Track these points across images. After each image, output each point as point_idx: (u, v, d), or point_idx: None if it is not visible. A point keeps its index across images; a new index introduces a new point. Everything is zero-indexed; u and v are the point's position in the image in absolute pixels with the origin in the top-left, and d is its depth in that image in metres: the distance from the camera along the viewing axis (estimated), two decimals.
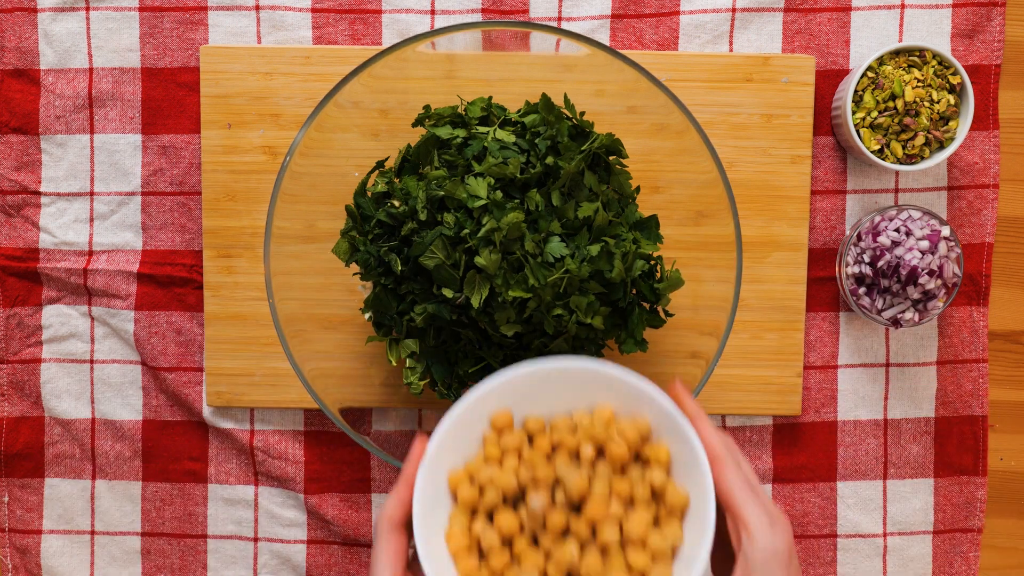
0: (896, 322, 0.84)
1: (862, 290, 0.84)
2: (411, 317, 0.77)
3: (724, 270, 0.76)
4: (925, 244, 0.81)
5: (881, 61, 0.83)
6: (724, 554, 0.61)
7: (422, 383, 0.79)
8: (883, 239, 0.82)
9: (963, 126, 0.83)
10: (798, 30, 0.87)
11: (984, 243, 0.88)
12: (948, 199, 0.88)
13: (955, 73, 0.82)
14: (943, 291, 0.83)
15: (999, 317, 0.89)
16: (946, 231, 0.83)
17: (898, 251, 0.82)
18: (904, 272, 0.81)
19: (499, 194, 0.72)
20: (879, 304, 0.83)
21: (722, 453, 0.58)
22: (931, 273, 0.81)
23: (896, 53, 0.83)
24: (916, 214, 0.83)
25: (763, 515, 0.56)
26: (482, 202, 0.72)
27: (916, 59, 0.82)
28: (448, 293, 0.74)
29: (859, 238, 0.84)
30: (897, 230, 0.83)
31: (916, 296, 0.82)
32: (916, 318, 0.83)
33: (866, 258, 0.83)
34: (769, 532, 0.56)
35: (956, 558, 0.89)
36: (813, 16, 0.87)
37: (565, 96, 0.77)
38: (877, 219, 0.84)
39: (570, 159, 0.73)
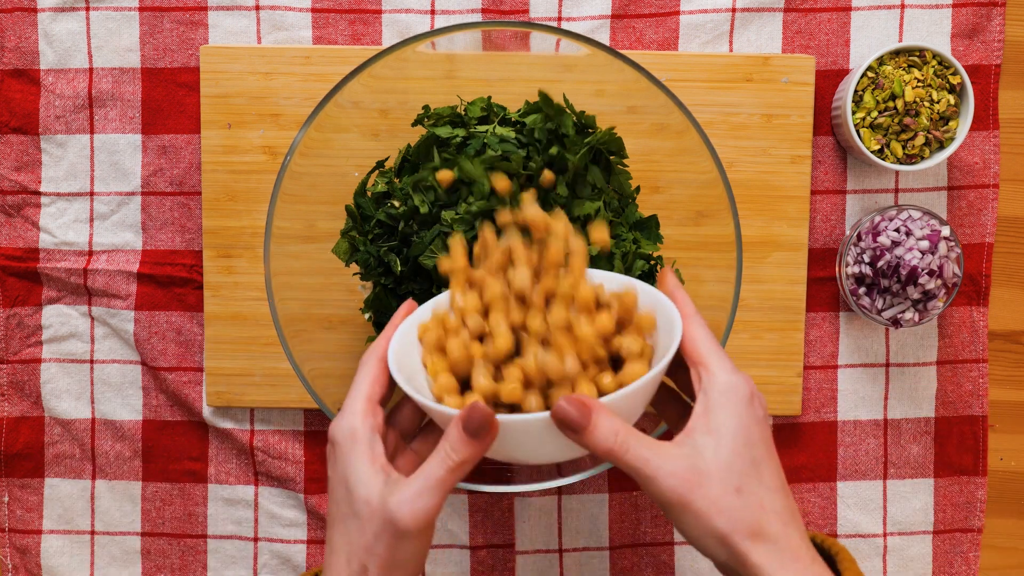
0: (896, 322, 0.84)
1: (862, 290, 0.84)
2: None
3: (724, 270, 0.76)
4: (925, 244, 0.81)
5: (881, 61, 0.83)
6: (681, 410, 0.61)
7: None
8: (883, 239, 0.82)
9: (963, 126, 0.83)
10: (798, 30, 0.87)
11: (984, 243, 0.88)
12: (948, 199, 0.88)
13: (955, 73, 0.82)
14: (943, 291, 0.83)
15: (999, 317, 0.89)
16: (946, 231, 0.83)
17: (898, 251, 0.81)
18: (904, 272, 0.81)
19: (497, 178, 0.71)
20: (879, 304, 0.83)
21: (692, 311, 0.59)
22: (931, 273, 0.81)
23: (896, 53, 0.83)
24: (916, 214, 0.83)
25: (725, 361, 0.57)
26: (482, 180, 0.70)
27: (916, 59, 0.82)
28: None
29: (859, 238, 0.84)
30: (897, 230, 0.83)
31: (916, 296, 0.82)
32: (916, 318, 0.83)
33: (866, 258, 0.83)
34: (729, 372, 0.56)
35: (956, 558, 0.89)
36: (813, 16, 0.87)
37: (564, 96, 0.77)
38: (877, 219, 0.84)
39: (576, 152, 0.73)
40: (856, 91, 0.83)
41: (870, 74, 0.82)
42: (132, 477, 0.90)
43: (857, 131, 0.83)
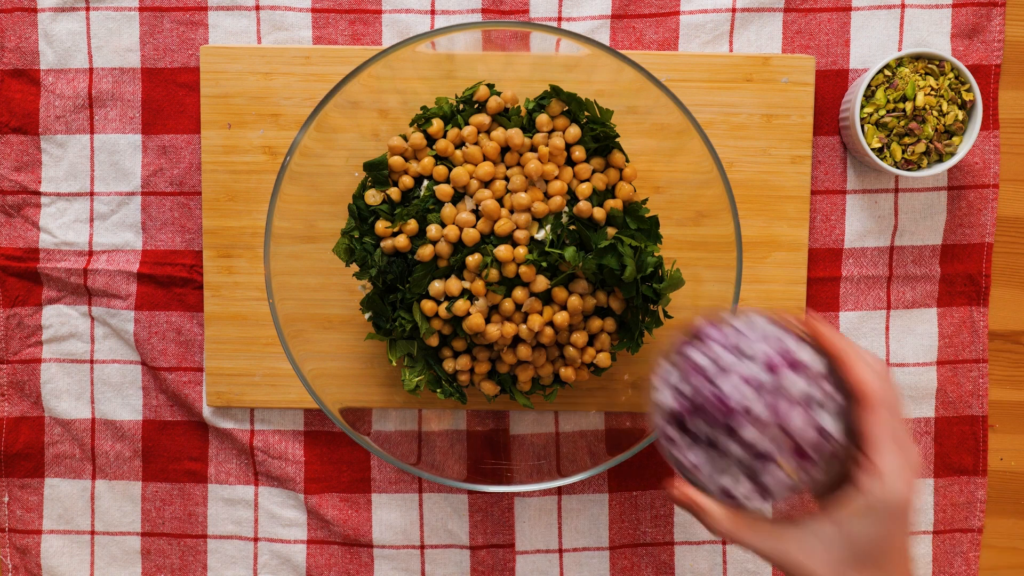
0: (729, 495, 0.58)
1: (677, 434, 0.58)
2: (402, 319, 0.77)
3: (724, 270, 0.76)
4: (761, 374, 0.55)
5: (900, 62, 0.83)
6: (829, 482, 0.60)
7: (416, 380, 0.79)
8: (700, 358, 0.57)
9: (965, 144, 0.83)
10: (798, 30, 0.87)
11: (984, 243, 0.88)
12: (948, 199, 0.88)
13: (969, 90, 0.82)
14: (792, 458, 0.56)
15: (999, 317, 0.89)
16: (811, 360, 0.57)
17: (720, 380, 0.56)
18: (718, 414, 0.55)
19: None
20: (697, 460, 0.58)
21: (877, 397, 0.56)
22: (759, 424, 0.55)
23: (916, 58, 0.83)
24: (760, 321, 0.58)
25: (899, 464, 0.55)
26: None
27: (934, 67, 0.82)
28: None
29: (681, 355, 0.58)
30: (725, 346, 0.57)
31: (740, 455, 0.56)
32: (753, 496, 0.58)
33: (686, 388, 0.57)
34: (897, 480, 0.55)
35: (956, 558, 0.89)
36: (813, 16, 0.87)
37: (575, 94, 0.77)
38: (707, 327, 0.58)
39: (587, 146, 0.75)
40: (870, 86, 0.83)
41: (886, 72, 0.82)
42: (132, 477, 0.90)
43: (862, 125, 0.83)
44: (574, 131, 0.76)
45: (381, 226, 0.76)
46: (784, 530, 0.59)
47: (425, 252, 0.74)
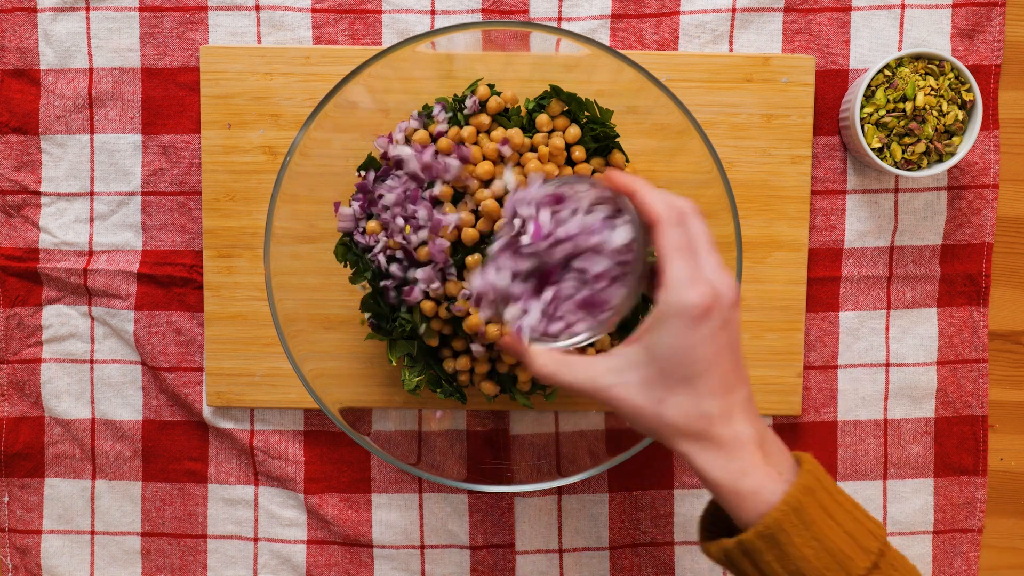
0: (549, 335, 0.64)
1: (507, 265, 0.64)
2: (403, 319, 0.77)
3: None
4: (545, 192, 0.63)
5: (900, 62, 0.83)
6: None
7: (416, 380, 0.79)
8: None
9: (965, 144, 0.83)
10: (798, 30, 0.87)
11: (984, 243, 0.88)
12: (948, 199, 0.88)
13: (969, 90, 0.82)
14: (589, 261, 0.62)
15: (999, 317, 0.89)
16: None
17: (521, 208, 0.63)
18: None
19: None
20: (517, 291, 0.64)
21: (662, 216, 0.58)
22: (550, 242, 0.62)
23: (916, 58, 0.83)
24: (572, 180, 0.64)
25: (685, 272, 0.56)
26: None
27: (934, 68, 0.82)
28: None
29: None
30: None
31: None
32: (565, 332, 0.63)
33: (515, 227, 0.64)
34: (683, 287, 0.56)
35: (956, 558, 0.89)
36: (813, 16, 0.87)
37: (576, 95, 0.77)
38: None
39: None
40: (870, 86, 0.83)
41: (886, 72, 0.82)
42: (132, 477, 0.90)
43: (862, 125, 0.83)
44: (574, 131, 0.76)
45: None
46: (597, 360, 0.60)
47: (423, 253, 0.74)
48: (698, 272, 0.57)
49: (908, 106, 0.82)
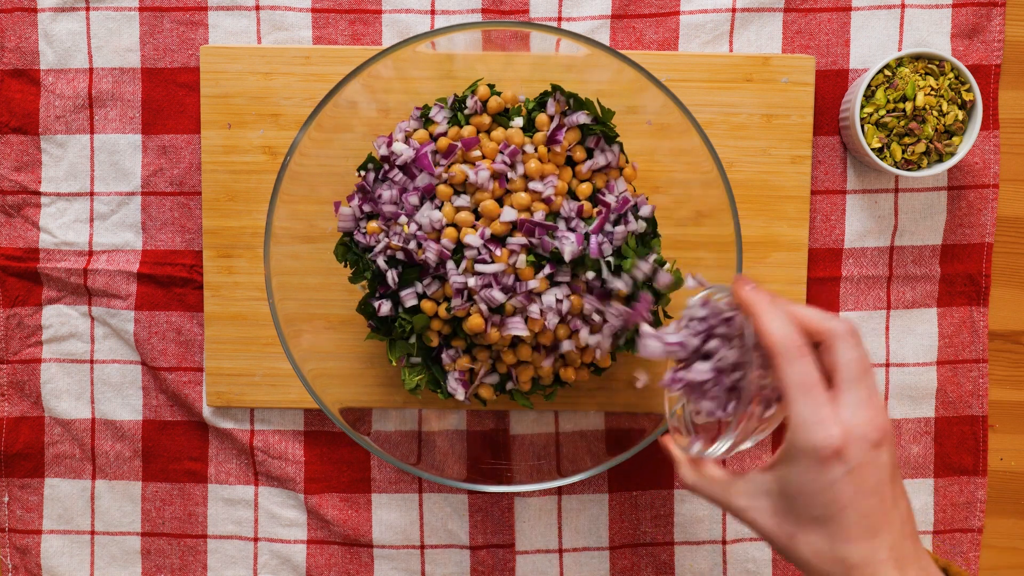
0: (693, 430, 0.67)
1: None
2: (403, 320, 0.77)
3: (724, 270, 0.76)
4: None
5: (900, 62, 0.83)
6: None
7: (416, 380, 0.79)
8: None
9: (965, 143, 0.83)
10: (798, 30, 0.87)
11: (984, 243, 0.88)
12: (948, 199, 0.88)
13: (969, 90, 0.82)
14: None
15: (999, 317, 0.89)
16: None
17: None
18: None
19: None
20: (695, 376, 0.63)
21: (778, 349, 0.54)
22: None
23: (916, 58, 0.83)
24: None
25: (808, 413, 0.53)
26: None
27: (934, 67, 0.82)
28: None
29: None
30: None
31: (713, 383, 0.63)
32: (708, 445, 0.64)
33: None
34: (808, 428, 0.53)
35: (956, 558, 0.89)
36: (813, 16, 0.87)
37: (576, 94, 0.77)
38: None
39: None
40: (870, 86, 0.83)
41: (886, 72, 0.82)
42: (132, 477, 0.90)
43: (862, 125, 0.83)
44: (574, 131, 0.76)
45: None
46: (733, 481, 0.59)
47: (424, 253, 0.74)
48: (826, 411, 0.53)
49: (908, 106, 0.82)
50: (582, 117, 0.76)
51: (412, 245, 0.74)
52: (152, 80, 0.88)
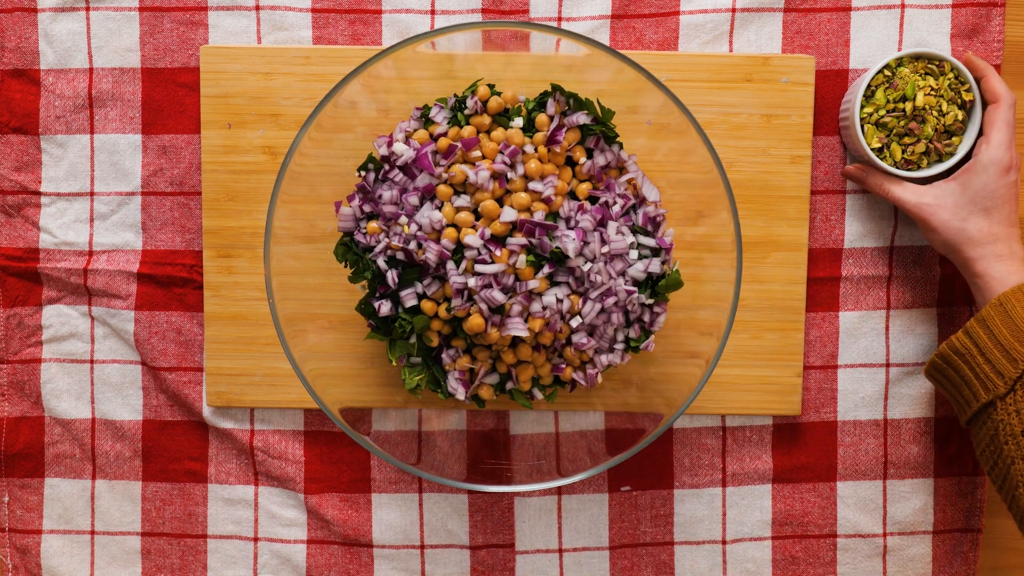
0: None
1: None
2: (403, 320, 0.77)
3: (724, 270, 0.76)
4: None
5: (900, 62, 0.83)
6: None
7: (416, 380, 0.79)
8: None
9: (965, 143, 0.83)
10: (798, 30, 0.87)
11: None
12: None
13: (969, 90, 0.82)
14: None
15: None
16: None
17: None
18: None
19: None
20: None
21: (1004, 97, 0.80)
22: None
23: (916, 58, 0.83)
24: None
25: (1005, 138, 0.79)
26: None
27: (934, 68, 0.82)
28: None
29: None
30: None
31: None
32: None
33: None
34: (1003, 147, 0.79)
35: (956, 558, 0.89)
36: (813, 16, 0.87)
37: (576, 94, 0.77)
38: None
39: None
40: (870, 86, 0.83)
41: (886, 72, 0.82)
42: (132, 477, 0.90)
43: (862, 125, 0.83)
44: (574, 131, 0.76)
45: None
46: (925, 188, 0.82)
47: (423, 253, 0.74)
48: (1012, 140, 0.80)
49: (908, 106, 0.82)
50: (582, 117, 0.76)
51: (412, 245, 0.74)
52: (152, 80, 0.88)
